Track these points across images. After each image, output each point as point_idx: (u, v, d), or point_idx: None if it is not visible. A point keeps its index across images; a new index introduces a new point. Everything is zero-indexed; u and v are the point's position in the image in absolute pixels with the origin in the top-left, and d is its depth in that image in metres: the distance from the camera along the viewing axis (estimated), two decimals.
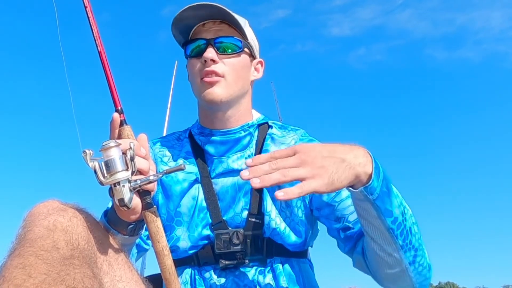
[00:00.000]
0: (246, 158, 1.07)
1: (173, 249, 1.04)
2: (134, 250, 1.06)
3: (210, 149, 1.08)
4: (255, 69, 1.15)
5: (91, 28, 0.81)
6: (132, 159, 0.74)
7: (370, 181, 0.79)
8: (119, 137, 0.80)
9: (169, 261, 0.77)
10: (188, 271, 1.05)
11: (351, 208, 1.00)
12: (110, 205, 1.05)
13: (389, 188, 0.84)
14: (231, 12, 1.03)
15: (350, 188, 0.81)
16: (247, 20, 1.11)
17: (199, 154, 1.10)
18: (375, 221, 0.85)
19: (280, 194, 0.70)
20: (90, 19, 0.81)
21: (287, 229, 1.04)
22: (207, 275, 1.02)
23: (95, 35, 0.81)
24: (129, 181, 0.73)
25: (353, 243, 1.02)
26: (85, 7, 0.82)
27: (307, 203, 1.06)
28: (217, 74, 1.02)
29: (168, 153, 1.13)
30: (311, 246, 1.14)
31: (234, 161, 1.06)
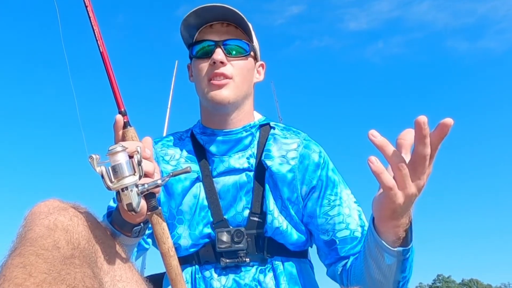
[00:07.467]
0: (247, 158, 1.08)
1: (174, 247, 1.04)
2: (134, 249, 1.06)
3: (212, 148, 1.08)
4: (257, 71, 1.16)
5: (93, 28, 0.79)
6: (139, 163, 0.73)
7: (410, 243, 0.78)
8: (123, 139, 0.79)
9: (175, 261, 0.77)
10: (188, 270, 1.05)
11: (342, 225, 1.03)
12: (111, 203, 1.05)
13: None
14: (242, 15, 1.03)
15: (388, 244, 0.78)
16: (251, 24, 1.11)
17: (200, 153, 1.10)
18: (387, 270, 0.83)
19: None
20: (91, 19, 0.80)
21: (290, 227, 1.04)
22: (207, 273, 1.03)
23: (96, 36, 0.80)
24: (137, 186, 0.72)
25: (334, 259, 1.05)
26: (86, 7, 0.80)
27: (301, 208, 1.06)
28: (225, 76, 1.03)
29: (170, 152, 1.13)
30: (311, 247, 1.14)
31: (236, 160, 1.07)
